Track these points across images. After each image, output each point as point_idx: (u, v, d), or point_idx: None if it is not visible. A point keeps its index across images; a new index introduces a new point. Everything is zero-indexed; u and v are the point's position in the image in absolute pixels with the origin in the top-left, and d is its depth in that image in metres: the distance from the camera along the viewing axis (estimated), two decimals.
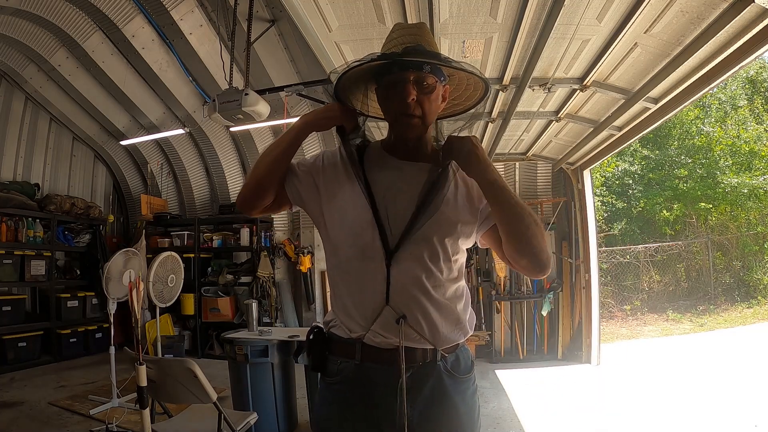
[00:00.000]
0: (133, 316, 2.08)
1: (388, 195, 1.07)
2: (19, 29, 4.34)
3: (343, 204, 1.09)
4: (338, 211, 1.09)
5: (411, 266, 1.04)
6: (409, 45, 1.04)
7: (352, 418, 1.08)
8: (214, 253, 6.29)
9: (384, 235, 1.04)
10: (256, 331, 3.36)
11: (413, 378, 1.05)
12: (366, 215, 1.05)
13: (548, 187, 5.86)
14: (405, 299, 1.03)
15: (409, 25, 1.13)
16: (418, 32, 1.09)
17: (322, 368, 1.12)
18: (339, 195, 1.10)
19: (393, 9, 2.49)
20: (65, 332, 5.49)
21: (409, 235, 1.04)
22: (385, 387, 1.04)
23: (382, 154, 1.15)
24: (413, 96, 1.04)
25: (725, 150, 9.79)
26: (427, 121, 1.09)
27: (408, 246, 1.04)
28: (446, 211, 1.07)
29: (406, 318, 1.03)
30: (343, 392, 1.08)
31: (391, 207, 1.06)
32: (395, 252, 1.03)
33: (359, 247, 1.05)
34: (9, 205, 5.16)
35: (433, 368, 1.07)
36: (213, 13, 4.31)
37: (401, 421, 1.03)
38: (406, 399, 1.03)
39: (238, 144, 6.34)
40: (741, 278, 8.94)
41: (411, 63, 1.02)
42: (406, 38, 1.07)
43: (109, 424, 3.25)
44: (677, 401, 3.89)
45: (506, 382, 4.55)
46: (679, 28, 2.51)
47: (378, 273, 1.04)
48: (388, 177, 1.10)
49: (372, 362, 1.06)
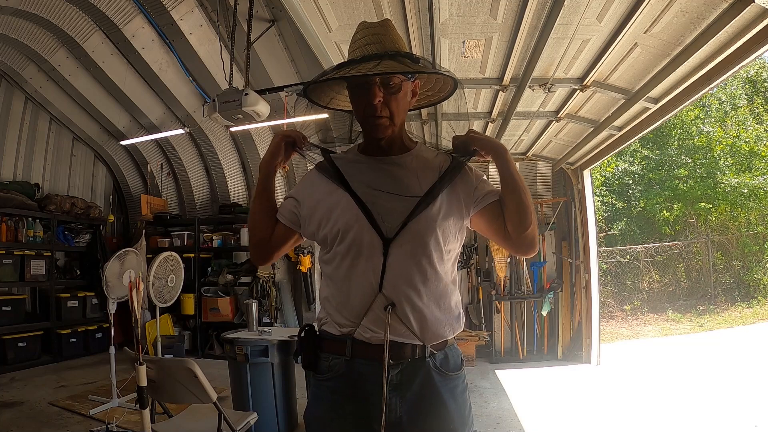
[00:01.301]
0: (133, 316, 2.07)
1: (371, 191, 1.09)
2: (19, 29, 4.34)
3: (329, 205, 1.11)
4: (325, 213, 1.11)
5: (406, 257, 1.06)
6: (372, 47, 1.08)
7: (343, 414, 1.09)
8: (214, 253, 6.28)
9: (377, 227, 1.06)
10: (256, 331, 3.36)
11: (402, 374, 1.07)
12: (353, 211, 1.07)
13: (548, 187, 5.86)
14: (397, 289, 1.05)
15: (373, 24, 1.14)
16: (381, 31, 1.11)
17: (314, 366, 1.14)
18: (324, 199, 1.13)
19: (393, 9, 2.49)
20: (65, 332, 5.49)
21: (406, 226, 1.06)
22: (374, 382, 1.05)
23: (358, 157, 1.19)
24: (379, 98, 1.06)
25: (725, 150, 9.79)
26: (395, 120, 1.11)
27: (405, 236, 1.06)
28: (442, 202, 1.09)
29: (395, 306, 1.04)
30: (333, 388, 1.10)
31: (379, 201, 1.08)
32: (392, 241, 1.05)
33: (351, 243, 1.07)
34: (9, 205, 5.16)
35: (422, 365, 1.08)
36: (213, 13, 4.31)
37: (390, 417, 1.04)
38: (395, 394, 1.06)
39: (238, 144, 6.34)
40: (741, 278, 8.94)
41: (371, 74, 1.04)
42: (369, 39, 1.10)
43: (109, 424, 3.24)
44: (677, 401, 3.88)
45: (506, 382, 4.55)
46: (679, 28, 2.51)
47: (372, 264, 1.05)
48: (368, 173, 1.13)
49: (362, 358, 1.07)
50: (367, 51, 1.08)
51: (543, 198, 5.80)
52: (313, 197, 1.15)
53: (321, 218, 1.12)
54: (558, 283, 5.57)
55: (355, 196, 1.09)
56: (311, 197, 1.16)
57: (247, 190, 6.65)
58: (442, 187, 1.10)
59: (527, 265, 5.58)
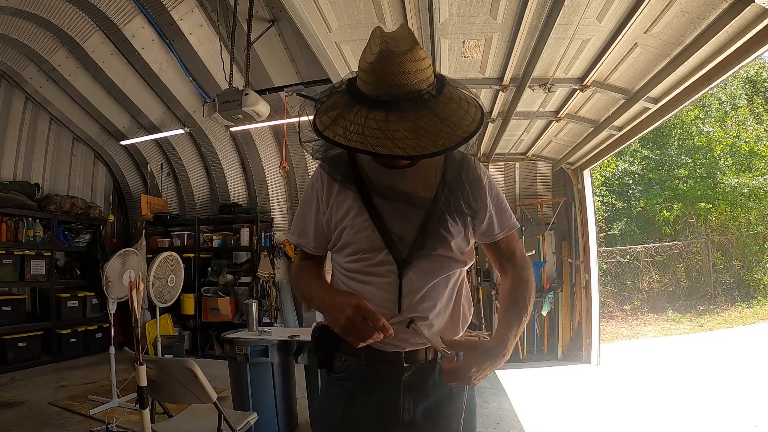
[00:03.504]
0: (133, 316, 2.07)
1: (389, 206, 1.05)
2: (19, 29, 4.34)
3: (349, 228, 1.07)
4: (345, 235, 1.08)
5: (422, 275, 1.05)
6: (395, 89, 0.87)
7: (356, 414, 1.09)
8: (214, 253, 6.28)
9: (393, 247, 1.04)
10: (256, 331, 3.36)
11: (416, 375, 1.08)
12: (373, 237, 1.04)
13: (548, 187, 5.86)
14: (415, 308, 1.04)
15: (394, 56, 0.87)
16: (409, 67, 0.87)
17: (329, 365, 1.13)
18: (344, 219, 1.08)
19: (393, 9, 2.49)
20: (65, 332, 5.49)
21: (419, 248, 1.04)
22: (387, 382, 1.07)
23: (373, 165, 1.10)
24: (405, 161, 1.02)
25: (725, 150, 9.79)
26: (414, 158, 1.01)
27: (419, 256, 1.04)
28: (449, 218, 1.07)
29: (415, 322, 1.02)
30: (348, 388, 1.10)
31: (396, 219, 1.05)
32: (407, 262, 1.04)
33: (367, 260, 1.06)
34: (9, 205, 5.16)
35: (433, 366, 1.09)
36: (213, 13, 4.31)
37: (403, 418, 1.06)
38: (409, 396, 1.07)
39: (238, 144, 6.34)
40: (741, 278, 8.94)
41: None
42: (395, 78, 0.87)
43: (109, 424, 3.24)
44: (677, 401, 3.88)
45: (506, 382, 4.55)
46: (679, 28, 2.51)
47: (388, 283, 1.04)
48: (385, 186, 1.07)
49: (377, 361, 1.08)
50: (391, 91, 0.88)
51: (543, 198, 5.80)
52: (337, 206, 1.10)
53: (339, 225, 1.09)
54: (558, 283, 5.56)
55: (376, 212, 1.05)
56: (333, 206, 1.10)
57: (246, 190, 6.65)
58: (449, 199, 1.07)
59: None
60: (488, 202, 1.12)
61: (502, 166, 5.83)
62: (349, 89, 0.95)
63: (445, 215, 1.05)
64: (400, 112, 0.88)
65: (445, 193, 1.06)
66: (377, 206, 1.05)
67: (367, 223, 1.04)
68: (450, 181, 1.08)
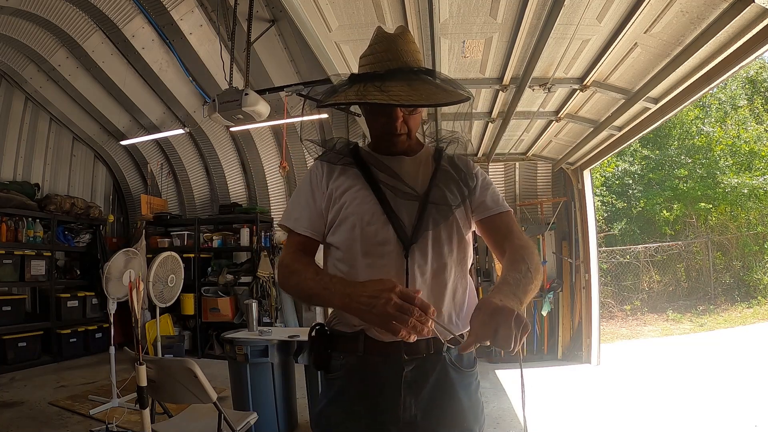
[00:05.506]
0: (133, 316, 2.07)
1: (390, 187, 1.09)
2: (19, 29, 4.34)
3: (350, 202, 1.08)
4: (345, 209, 1.08)
5: (428, 256, 1.05)
6: (394, 63, 1.03)
7: (354, 412, 1.06)
8: (214, 253, 6.28)
9: (399, 227, 1.04)
10: (256, 331, 3.36)
11: (417, 370, 1.05)
12: (376, 209, 1.06)
13: (548, 187, 5.86)
14: (423, 289, 1.03)
15: (391, 37, 1.07)
16: (402, 46, 1.05)
17: (325, 366, 1.11)
18: (345, 194, 1.10)
19: (393, 9, 2.49)
20: (65, 332, 5.49)
21: (423, 226, 1.05)
22: (387, 379, 1.04)
23: (373, 155, 1.16)
24: (401, 119, 1.07)
25: (725, 150, 9.79)
26: (412, 134, 1.12)
27: (425, 236, 1.05)
28: (448, 194, 1.10)
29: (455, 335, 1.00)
30: (345, 386, 1.08)
31: (398, 200, 1.08)
32: (413, 243, 1.04)
33: (370, 242, 1.05)
34: (9, 205, 5.16)
35: (437, 360, 1.06)
36: (213, 13, 4.31)
37: (405, 415, 1.03)
38: (410, 392, 1.04)
39: (238, 144, 6.35)
40: (741, 278, 8.94)
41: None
42: (391, 54, 1.04)
43: (109, 424, 3.24)
44: (677, 401, 3.88)
45: (506, 382, 4.55)
46: (679, 28, 2.51)
47: (393, 265, 1.03)
48: (387, 171, 1.12)
49: (374, 354, 1.05)
50: (389, 66, 1.03)
51: (543, 198, 5.80)
52: (338, 190, 1.11)
53: (339, 211, 1.09)
54: (558, 283, 5.56)
55: (381, 195, 1.07)
56: (335, 191, 1.12)
57: (246, 190, 6.65)
58: (442, 189, 1.11)
59: None
60: (479, 183, 1.17)
61: (502, 166, 5.83)
62: (350, 82, 1.07)
63: (445, 192, 1.09)
64: (397, 80, 1.00)
65: (440, 176, 1.13)
66: (379, 184, 1.09)
67: (370, 197, 1.07)
68: (444, 167, 1.16)
